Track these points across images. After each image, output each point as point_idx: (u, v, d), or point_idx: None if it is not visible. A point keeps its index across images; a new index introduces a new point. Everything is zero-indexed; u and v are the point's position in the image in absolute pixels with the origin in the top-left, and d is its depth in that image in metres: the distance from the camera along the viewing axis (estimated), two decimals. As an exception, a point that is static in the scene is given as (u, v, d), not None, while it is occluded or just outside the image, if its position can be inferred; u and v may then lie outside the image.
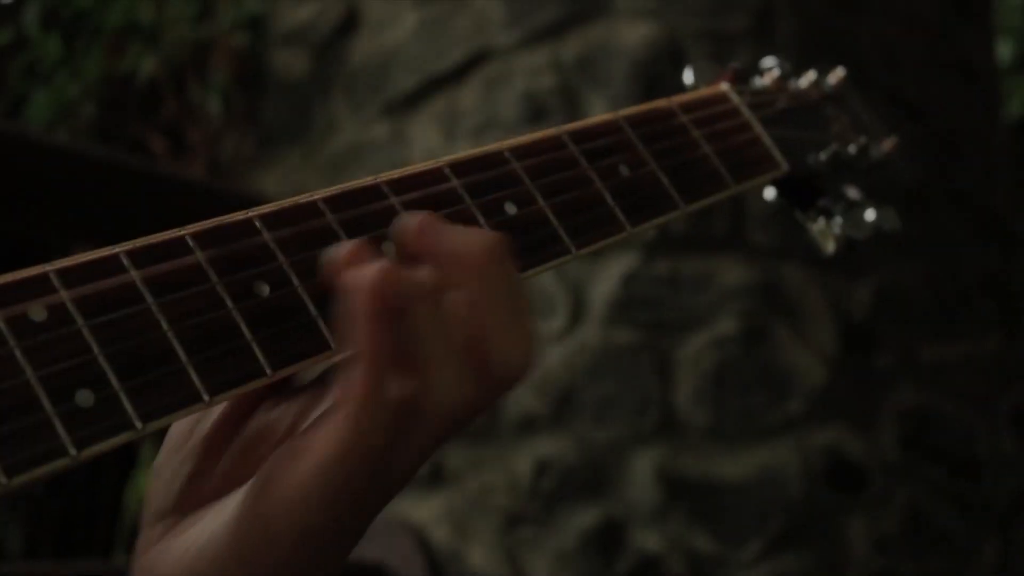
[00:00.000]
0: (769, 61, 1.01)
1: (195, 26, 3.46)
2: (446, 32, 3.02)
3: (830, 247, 0.94)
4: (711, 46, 2.84)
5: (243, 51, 3.40)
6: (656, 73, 2.80)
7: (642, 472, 2.70)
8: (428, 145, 2.99)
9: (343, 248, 0.61)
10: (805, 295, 2.79)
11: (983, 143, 3.35)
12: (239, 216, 0.64)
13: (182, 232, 0.61)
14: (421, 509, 2.86)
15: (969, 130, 3.27)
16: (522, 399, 2.77)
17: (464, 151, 0.74)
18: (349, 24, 3.23)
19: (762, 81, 0.98)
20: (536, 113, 2.83)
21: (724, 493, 2.69)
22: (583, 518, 2.70)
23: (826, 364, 2.77)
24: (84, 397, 0.54)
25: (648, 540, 2.67)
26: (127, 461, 3.21)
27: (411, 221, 0.65)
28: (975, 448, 2.97)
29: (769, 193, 0.96)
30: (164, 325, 0.58)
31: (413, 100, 3.05)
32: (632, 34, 2.85)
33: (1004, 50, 5.09)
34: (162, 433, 0.65)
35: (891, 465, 2.80)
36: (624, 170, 0.79)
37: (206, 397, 0.57)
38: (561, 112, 2.81)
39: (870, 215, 0.95)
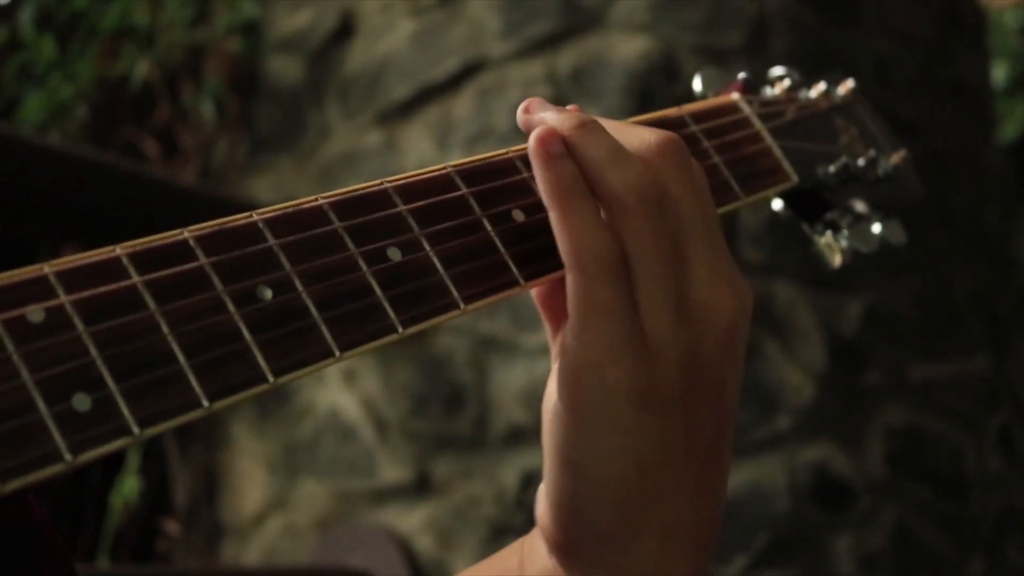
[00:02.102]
0: (779, 70, 1.00)
1: (190, 30, 3.45)
2: (441, 41, 3.02)
3: (836, 261, 0.93)
4: (705, 61, 2.84)
5: (238, 56, 3.40)
6: (650, 87, 2.81)
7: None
8: (421, 154, 2.98)
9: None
10: (795, 312, 2.79)
11: (976, 163, 3.35)
12: (243, 219, 0.63)
13: (185, 235, 0.60)
14: (406, 518, 2.85)
15: (962, 150, 3.27)
16: (509, 410, 2.77)
17: (464, 158, 0.74)
18: (344, 31, 3.23)
19: (772, 91, 0.98)
20: (530, 124, 2.83)
21: (711, 508, 2.68)
22: (569, 531, 2.70)
23: (815, 381, 2.77)
24: (81, 401, 0.53)
25: (634, 554, 2.66)
26: (113, 464, 3.20)
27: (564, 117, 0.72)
28: (963, 467, 2.97)
29: (776, 204, 0.95)
30: (164, 329, 0.57)
31: (407, 109, 3.05)
32: (627, 47, 2.85)
33: (999, 72, 5.10)
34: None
35: (878, 483, 2.79)
36: None
37: (205, 403, 0.56)
38: (555, 124, 2.81)
39: (876, 228, 0.95)
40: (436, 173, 0.72)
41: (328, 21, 3.25)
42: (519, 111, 0.73)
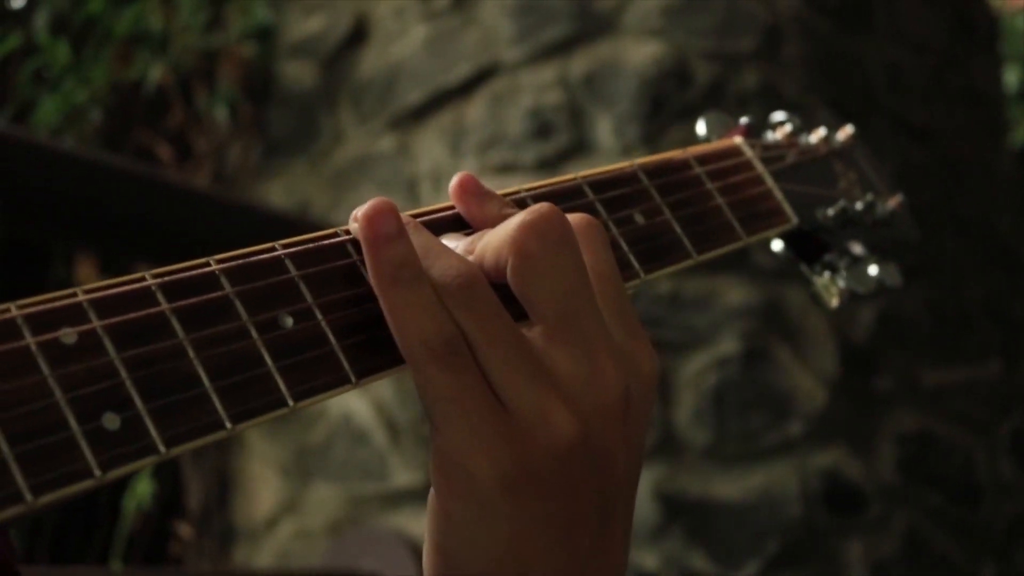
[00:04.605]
0: (780, 116, 1.04)
1: (204, 35, 3.46)
2: (454, 47, 3.03)
3: (833, 302, 0.97)
4: (718, 67, 2.84)
5: (251, 61, 3.41)
6: (662, 92, 2.81)
7: (640, 490, 2.69)
8: (434, 159, 2.99)
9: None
10: (807, 317, 2.80)
11: (988, 169, 3.35)
12: (268, 252, 0.66)
13: (213, 267, 0.63)
14: (419, 522, 2.86)
15: (974, 156, 3.27)
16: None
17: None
18: (358, 36, 3.24)
19: (773, 135, 1.01)
20: (542, 129, 2.83)
21: (722, 513, 2.69)
22: (580, 535, 2.70)
23: (826, 386, 2.77)
24: (111, 420, 0.55)
25: (645, 559, 2.66)
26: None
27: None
28: (974, 473, 2.96)
29: (776, 245, 0.99)
30: (191, 354, 0.59)
31: (420, 114, 3.05)
32: (639, 52, 2.86)
33: (1011, 77, 5.10)
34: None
35: (890, 489, 2.79)
36: (639, 218, 0.81)
37: (228, 425, 0.59)
38: (567, 129, 2.82)
39: (873, 270, 0.98)
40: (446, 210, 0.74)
41: (341, 26, 3.26)
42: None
